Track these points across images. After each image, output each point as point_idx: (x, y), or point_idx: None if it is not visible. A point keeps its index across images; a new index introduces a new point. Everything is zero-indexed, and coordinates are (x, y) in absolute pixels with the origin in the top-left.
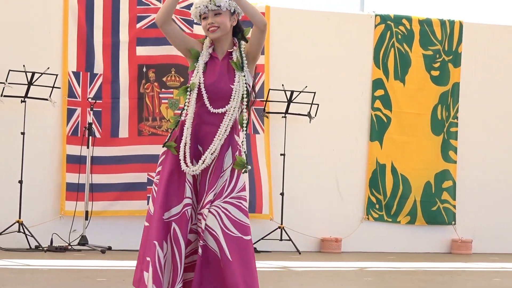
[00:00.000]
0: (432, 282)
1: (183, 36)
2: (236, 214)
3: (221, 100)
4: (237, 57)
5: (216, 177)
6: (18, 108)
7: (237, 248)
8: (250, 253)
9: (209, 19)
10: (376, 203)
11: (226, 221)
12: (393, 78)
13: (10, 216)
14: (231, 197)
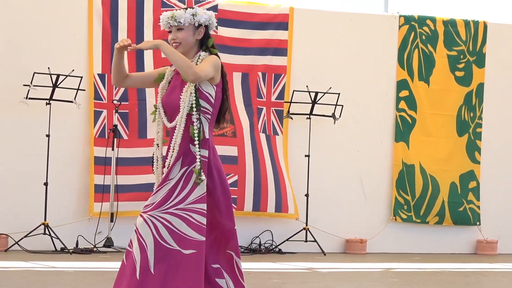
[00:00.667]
0: (457, 283)
1: (145, 76)
2: (179, 226)
3: (175, 114)
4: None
5: (160, 186)
6: (43, 110)
7: (168, 261)
8: (185, 267)
9: (172, 34)
10: (404, 204)
11: (163, 232)
12: (418, 79)
13: (35, 218)
14: (178, 209)
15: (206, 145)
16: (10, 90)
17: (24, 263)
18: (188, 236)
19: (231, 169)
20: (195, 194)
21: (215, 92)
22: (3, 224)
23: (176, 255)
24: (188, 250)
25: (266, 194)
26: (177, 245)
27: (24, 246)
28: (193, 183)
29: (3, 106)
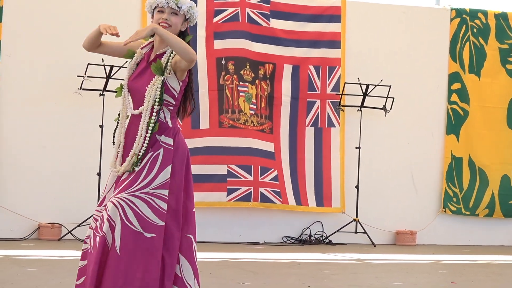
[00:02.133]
0: (506, 275)
1: (117, 47)
2: (143, 209)
3: (140, 101)
4: (162, 62)
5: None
6: (97, 101)
7: (133, 243)
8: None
9: (165, 15)
10: (453, 196)
11: (129, 214)
12: (469, 71)
13: (88, 208)
14: (143, 192)
15: (170, 133)
16: (65, 81)
17: (76, 252)
18: (150, 220)
19: (270, 164)
20: (159, 180)
21: (180, 88)
22: (57, 214)
23: (139, 238)
24: (150, 233)
25: (304, 189)
26: (141, 228)
27: (77, 235)
28: (157, 170)
29: (57, 97)
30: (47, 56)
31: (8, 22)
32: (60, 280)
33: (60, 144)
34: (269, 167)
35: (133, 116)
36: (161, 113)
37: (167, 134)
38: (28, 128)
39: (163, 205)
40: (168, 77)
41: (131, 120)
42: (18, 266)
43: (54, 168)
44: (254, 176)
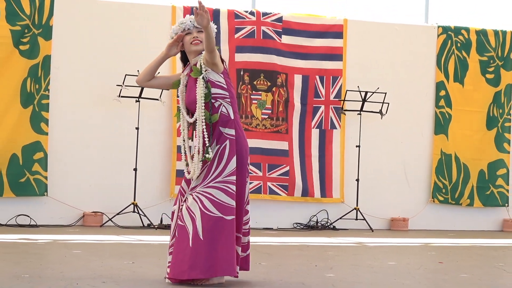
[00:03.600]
0: (486, 256)
1: (166, 79)
2: (220, 197)
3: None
4: (197, 66)
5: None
6: (133, 107)
7: (214, 228)
8: (228, 231)
9: (194, 34)
10: (442, 188)
11: (207, 204)
12: (453, 80)
13: (126, 198)
14: (216, 182)
15: (232, 125)
16: (106, 89)
17: (116, 237)
18: (227, 204)
19: (283, 160)
20: (228, 169)
21: (224, 78)
22: (99, 203)
23: (219, 222)
24: (229, 216)
25: (312, 182)
26: (220, 213)
27: (116, 222)
28: (226, 160)
29: (99, 103)
30: (90, 68)
31: (57, 39)
32: (102, 261)
33: (102, 143)
34: (280, 164)
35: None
36: (222, 107)
37: (230, 126)
38: (74, 130)
39: (234, 188)
40: (208, 73)
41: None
42: (66, 249)
43: (97, 164)
44: (263, 172)
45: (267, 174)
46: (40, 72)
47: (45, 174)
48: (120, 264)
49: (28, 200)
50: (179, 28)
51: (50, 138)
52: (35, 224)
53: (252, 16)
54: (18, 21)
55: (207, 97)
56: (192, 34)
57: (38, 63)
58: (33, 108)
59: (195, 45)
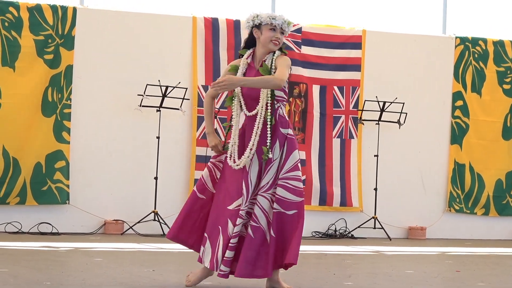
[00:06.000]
0: (503, 265)
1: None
2: (282, 193)
3: (254, 103)
4: (267, 64)
5: (267, 168)
6: (154, 116)
7: (280, 224)
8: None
9: (277, 34)
10: (457, 197)
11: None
12: (471, 91)
13: (147, 207)
14: (279, 179)
15: (289, 125)
16: (127, 99)
17: (136, 245)
18: (290, 199)
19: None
20: (288, 164)
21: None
22: (120, 211)
23: (283, 217)
24: (290, 211)
25: (331, 191)
26: (283, 209)
27: (137, 230)
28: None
29: (121, 112)
30: (112, 78)
31: (79, 49)
32: (123, 268)
33: (123, 152)
34: None
35: (248, 118)
36: (280, 109)
37: (288, 126)
38: (96, 139)
39: (297, 184)
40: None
41: (246, 122)
42: (87, 256)
43: (118, 173)
44: None
45: None
46: (63, 82)
47: (67, 182)
48: (140, 271)
49: (50, 208)
50: (267, 19)
51: (72, 147)
52: (57, 232)
53: None
54: (41, 31)
55: (271, 99)
56: (275, 32)
57: (60, 72)
58: (56, 117)
59: (274, 45)
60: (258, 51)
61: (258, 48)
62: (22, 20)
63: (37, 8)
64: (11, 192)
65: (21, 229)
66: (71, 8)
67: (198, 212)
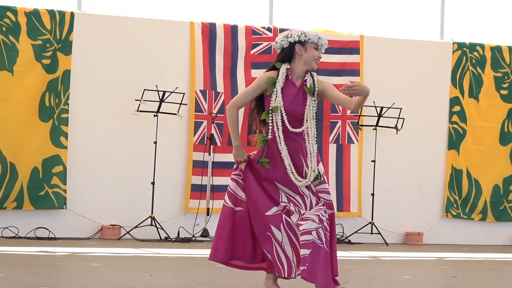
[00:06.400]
0: (500, 270)
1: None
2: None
3: (296, 121)
4: (310, 84)
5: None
6: (151, 121)
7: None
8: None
9: (319, 53)
10: (454, 203)
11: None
12: (468, 96)
13: (144, 212)
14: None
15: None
16: (125, 103)
17: (134, 250)
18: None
19: None
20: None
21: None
22: (117, 216)
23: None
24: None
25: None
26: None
27: (134, 235)
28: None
29: (118, 117)
30: (109, 82)
31: (76, 54)
32: (120, 273)
33: (120, 157)
34: None
35: (292, 134)
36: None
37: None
38: (93, 144)
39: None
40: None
41: (290, 137)
42: (84, 261)
43: (115, 178)
44: None
45: None
46: (60, 87)
47: (64, 187)
48: (137, 276)
49: (47, 213)
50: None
51: (69, 152)
52: (54, 237)
53: (269, 32)
54: (39, 35)
55: (315, 119)
56: (318, 52)
57: (57, 77)
58: (53, 122)
59: (316, 64)
60: (297, 68)
61: (298, 65)
62: (20, 25)
63: (34, 13)
64: (8, 197)
65: (18, 234)
66: (68, 13)
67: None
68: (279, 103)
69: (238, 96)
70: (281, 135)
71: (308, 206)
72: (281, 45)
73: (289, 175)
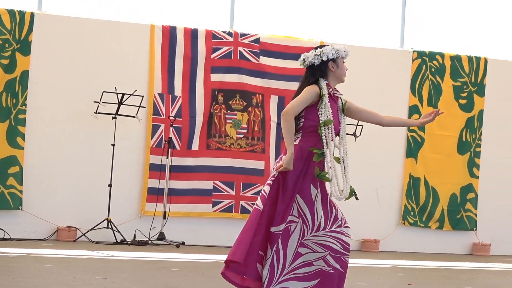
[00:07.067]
0: (455, 279)
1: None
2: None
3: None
4: (341, 102)
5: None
6: (110, 123)
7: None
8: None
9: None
10: (411, 211)
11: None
12: (427, 105)
13: (100, 214)
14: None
15: None
16: (83, 105)
17: (89, 252)
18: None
19: (257, 180)
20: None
21: None
22: (73, 218)
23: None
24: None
25: None
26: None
27: (89, 238)
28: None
29: (77, 119)
30: (68, 84)
31: (35, 55)
32: (75, 276)
33: (78, 159)
34: (254, 183)
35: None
36: None
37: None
38: (51, 145)
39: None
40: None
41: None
42: (39, 263)
43: (72, 180)
44: (236, 191)
45: (241, 193)
46: (18, 87)
47: (20, 188)
48: (92, 279)
49: (2, 214)
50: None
51: (26, 153)
52: (9, 238)
53: (229, 37)
54: None
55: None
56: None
57: (15, 77)
58: (10, 123)
59: (345, 76)
60: (331, 83)
61: (331, 80)
62: None
63: None
64: None
65: None
66: (28, 13)
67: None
68: (330, 117)
69: (294, 105)
70: (330, 149)
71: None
72: (312, 62)
73: (332, 188)
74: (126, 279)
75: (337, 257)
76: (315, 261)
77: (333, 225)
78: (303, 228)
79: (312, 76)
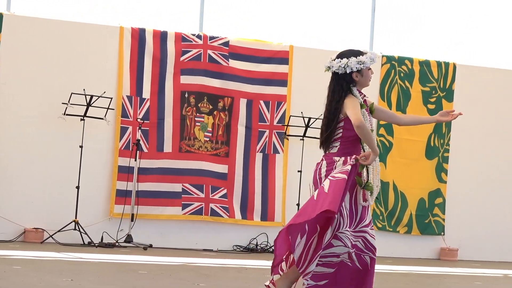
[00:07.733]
0: (422, 284)
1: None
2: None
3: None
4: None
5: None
6: (78, 125)
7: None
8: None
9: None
10: (379, 215)
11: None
12: (395, 110)
13: (68, 216)
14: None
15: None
16: (51, 107)
17: (56, 254)
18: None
19: (221, 183)
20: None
21: None
22: (40, 220)
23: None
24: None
25: (252, 205)
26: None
27: (57, 239)
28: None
29: (44, 121)
30: (36, 85)
31: (4, 55)
32: (42, 277)
33: (46, 160)
34: (219, 186)
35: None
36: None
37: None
38: (18, 145)
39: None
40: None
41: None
42: (6, 264)
43: (40, 181)
44: (205, 194)
45: (210, 196)
46: None
47: None
48: (59, 281)
49: None
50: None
51: None
52: None
53: (199, 40)
54: None
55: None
56: (371, 70)
57: None
58: None
59: (369, 81)
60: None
61: (357, 87)
62: None
63: None
64: None
65: None
66: None
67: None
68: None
69: (358, 114)
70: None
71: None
72: (337, 71)
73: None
74: (93, 281)
75: (358, 255)
76: (342, 255)
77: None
78: (340, 221)
79: (338, 84)
